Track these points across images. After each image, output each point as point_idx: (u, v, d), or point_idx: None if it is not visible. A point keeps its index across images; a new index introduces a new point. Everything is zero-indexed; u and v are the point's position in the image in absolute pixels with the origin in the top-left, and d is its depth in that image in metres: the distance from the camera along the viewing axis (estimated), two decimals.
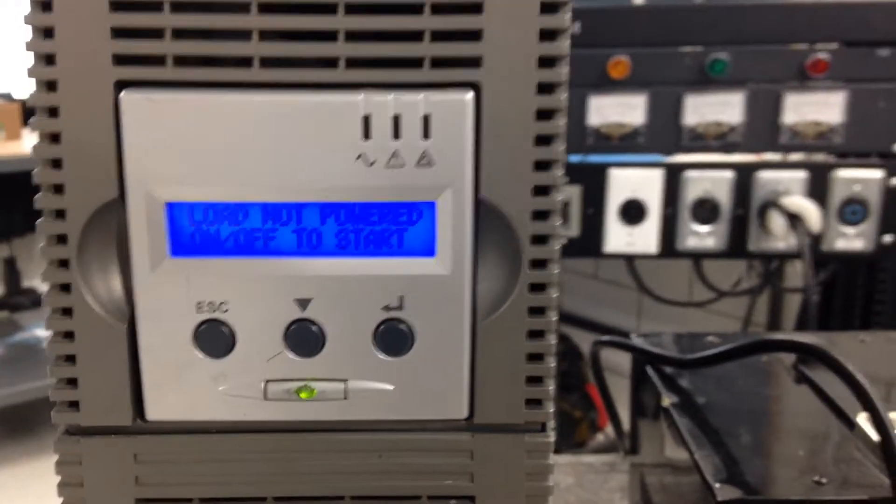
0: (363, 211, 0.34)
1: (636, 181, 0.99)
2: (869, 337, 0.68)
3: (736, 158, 1.02)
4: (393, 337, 0.35)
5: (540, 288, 0.35)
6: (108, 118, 0.33)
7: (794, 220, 0.94)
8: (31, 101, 0.33)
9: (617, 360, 0.81)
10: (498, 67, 0.33)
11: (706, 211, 0.98)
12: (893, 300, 1.08)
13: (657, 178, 0.98)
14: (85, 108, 0.33)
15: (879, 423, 0.46)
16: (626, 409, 0.72)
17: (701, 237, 0.99)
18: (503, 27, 0.33)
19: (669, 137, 0.99)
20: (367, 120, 0.33)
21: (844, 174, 0.97)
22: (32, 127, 0.33)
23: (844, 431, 0.52)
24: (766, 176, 0.97)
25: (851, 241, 0.98)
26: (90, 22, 0.32)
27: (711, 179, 0.98)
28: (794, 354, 0.62)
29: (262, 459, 0.36)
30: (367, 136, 0.33)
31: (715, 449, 0.50)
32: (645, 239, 0.99)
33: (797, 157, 1.05)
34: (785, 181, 0.97)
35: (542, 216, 0.34)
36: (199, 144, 0.33)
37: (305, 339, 0.34)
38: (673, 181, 0.98)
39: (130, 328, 0.35)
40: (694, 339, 0.67)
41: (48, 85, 0.33)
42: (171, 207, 0.34)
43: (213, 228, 0.34)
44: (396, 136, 0.33)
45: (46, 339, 0.35)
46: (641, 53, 0.98)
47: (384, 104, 0.33)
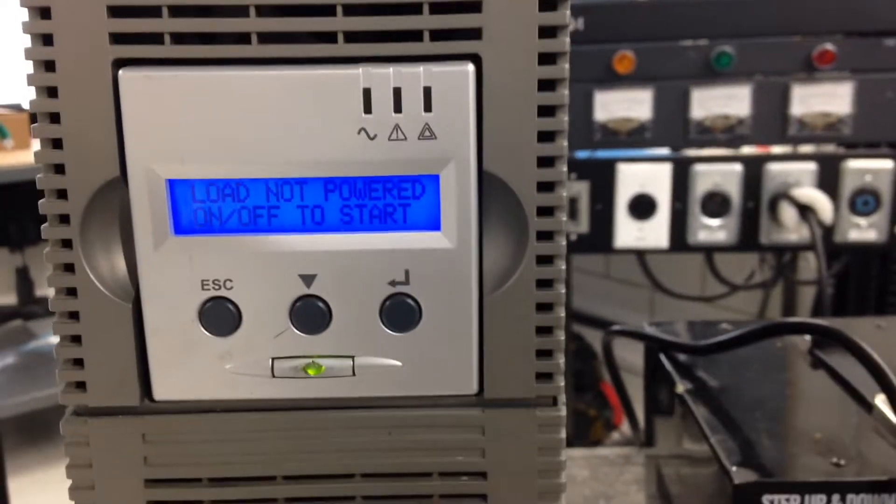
0: (366, 185, 0.34)
1: (645, 176, 0.98)
2: (885, 322, 0.67)
3: (745, 151, 1.01)
4: (400, 312, 0.34)
5: (547, 260, 0.34)
6: (107, 97, 0.33)
7: (805, 211, 0.94)
8: (29, 82, 0.33)
9: (630, 357, 0.81)
10: (499, 38, 0.33)
11: (716, 204, 0.98)
12: None
13: (666, 172, 0.98)
14: (83, 87, 0.33)
15: None
16: (640, 405, 0.71)
17: (712, 231, 0.98)
18: None
19: (677, 131, 0.99)
20: (367, 94, 0.33)
21: (855, 165, 0.96)
22: (32, 107, 0.33)
23: (862, 413, 0.51)
24: (775, 168, 0.97)
25: (864, 231, 0.97)
26: (87, 1, 0.32)
27: (721, 173, 0.97)
28: (808, 340, 0.62)
29: (270, 438, 0.36)
30: (368, 110, 0.33)
31: (731, 434, 0.49)
32: (655, 233, 0.99)
33: (806, 148, 1.05)
34: (795, 173, 0.96)
35: (547, 187, 0.34)
36: (199, 122, 0.33)
37: (311, 315, 0.34)
38: (682, 175, 0.97)
39: (135, 307, 0.34)
40: (706, 326, 0.66)
41: (46, 65, 0.33)
42: (172, 185, 0.33)
43: (215, 206, 0.34)
44: (398, 109, 0.33)
45: (53, 322, 0.35)
46: (646, 48, 0.97)
47: (384, 77, 0.33)
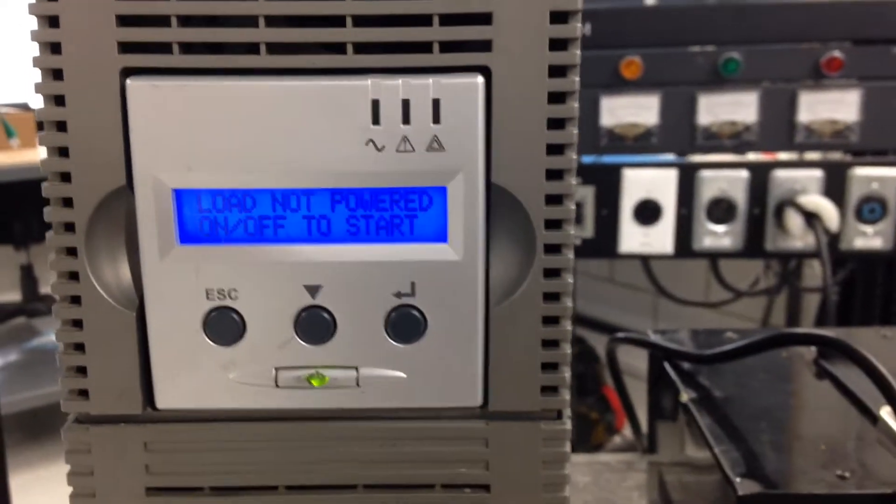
0: (373, 197, 0.34)
1: (651, 181, 0.98)
2: (890, 332, 0.67)
3: (751, 158, 1.01)
4: (405, 323, 0.34)
5: (554, 273, 0.34)
6: (114, 106, 0.33)
7: (811, 218, 0.93)
8: (37, 89, 0.33)
9: (633, 362, 0.81)
10: (509, 50, 0.33)
11: (722, 210, 0.97)
12: None
13: (672, 178, 0.97)
14: (91, 95, 0.33)
15: None
16: (643, 410, 0.71)
17: (717, 237, 0.98)
18: (514, 10, 0.32)
19: (683, 137, 0.98)
20: (376, 105, 0.33)
21: (861, 172, 0.96)
22: (39, 115, 0.33)
23: (867, 425, 0.51)
24: (782, 175, 0.96)
25: (870, 239, 0.97)
26: (96, 9, 0.32)
27: (727, 179, 0.97)
28: (814, 350, 0.61)
29: (273, 448, 0.36)
30: (376, 121, 0.33)
31: (735, 444, 0.49)
32: (660, 239, 0.99)
33: (813, 155, 1.04)
34: (801, 180, 0.96)
35: (555, 200, 0.34)
36: (206, 131, 0.33)
37: (316, 326, 0.34)
38: (688, 181, 0.97)
39: (140, 316, 0.34)
40: (711, 335, 0.66)
41: (54, 73, 0.33)
42: (178, 195, 0.33)
43: (221, 215, 0.34)
44: (406, 120, 0.33)
45: (57, 330, 0.35)
46: (654, 53, 0.97)
47: (393, 89, 0.32)
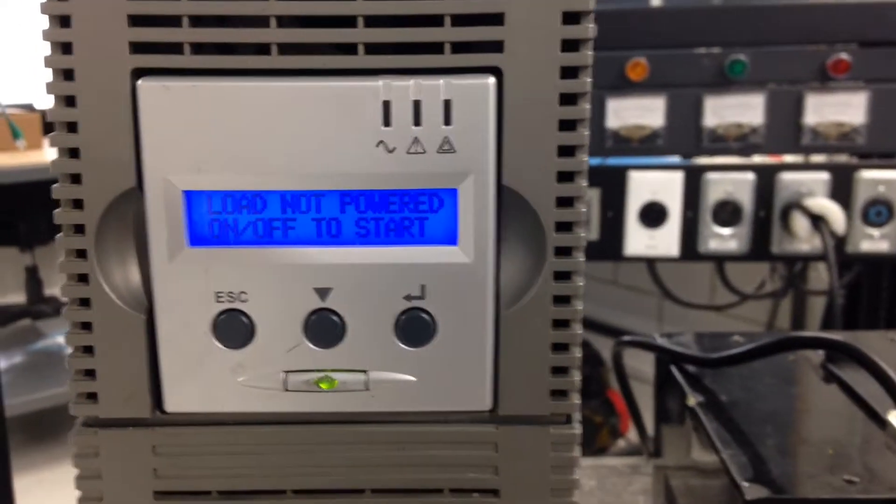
0: (383, 199, 0.34)
1: (656, 183, 0.98)
2: None
3: (757, 160, 1.01)
4: (414, 327, 0.34)
5: (565, 276, 0.34)
6: (125, 106, 0.33)
7: (817, 221, 0.93)
8: (48, 89, 0.33)
9: (639, 366, 0.80)
10: (520, 51, 0.32)
11: (728, 213, 0.97)
12: None
13: (678, 180, 0.97)
14: (102, 96, 0.33)
15: None
16: (647, 413, 0.71)
17: (723, 240, 0.98)
18: (526, 10, 0.32)
19: (690, 139, 0.98)
20: (387, 106, 0.32)
21: (868, 175, 0.95)
22: (49, 116, 0.33)
23: (875, 429, 0.51)
24: (788, 177, 0.96)
25: (876, 242, 0.96)
26: (107, 10, 0.32)
27: (733, 181, 0.96)
28: (821, 353, 0.61)
29: (281, 452, 0.35)
30: (387, 122, 0.33)
31: (742, 448, 0.49)
32: (666, 242, 0.98)
33: (819, 158, 1.04)
34: (808, 182, 0.96)
35: (566, 202, 0.34)
36: (216, 132, 0.33)
37: (325, 329, 0.34)
38: (694, 183, 0.97)
39: (149, 319, 0.34)
40: (717, 338, 0.66)
41: (65, 73, 0.33)
42: (188, 196, 0.33)
43: (231, 217, 0.34)
44: (417, 122, 0.33)
45: (66, 333, 0.35)
46: (660, 55, 0.97)
47: (404, 90, 0.32)
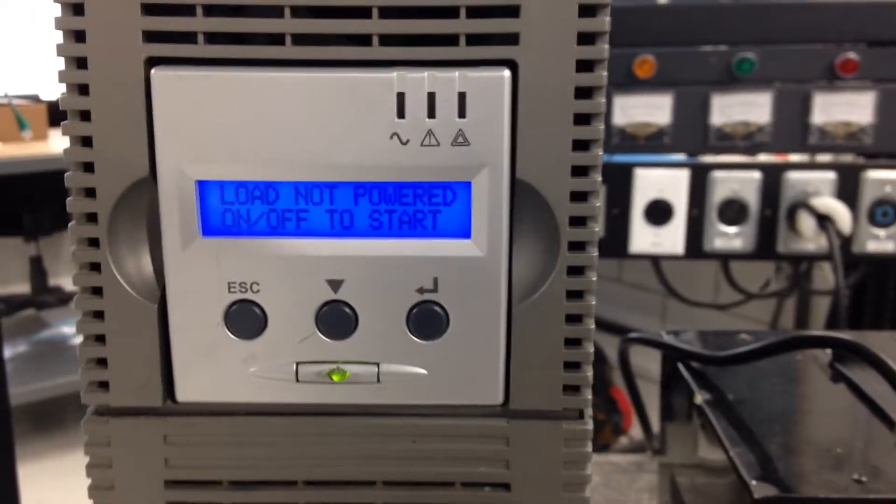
0: (397, 191, 0.33)
1: (662, 181, 0.97)
2: None
3: (763, 159, 1.01)
4: (427, 320, 0.34)
5: (578, 271, 0.34)
6: (138, 95, 0.33)
7: (823, 221, 0.93)
8: (60, 78, 0.33)
9: (643, 363, 0.80)
10: (536, 44, 0.32)
11: (733, 212, 0.97)
12: None
13: (684, 178, 0.97)
14: (115, 85, 0.33)
15: None
16: (653, 411, 0.71)
17: (728, 238, 0.98)
18: (542, 3, 0.32)
19: (696, 137, 0.98)
20: (401, 98, 0.32)
21: (875, 175, 0.95)
22: (62, 104, 0.33)
23: (883, 429, 0.51)
24: (794, 176, 0.96)
25: (882, 242, 0.96)
26: None
27: (739, 180, 0.96)
28: (828, 353, 0.61)
29: (292, 443, 0.35)
30: (401, 114, 0.32)
31: (750, 446, 0.49)
32: (671, 240, 0.98)
33: (826, 157, 1.04)
34: (814, 182, 0.95)
35: (580, 197, 0.34)
36: (230, 122, 0.32)
37: (337, 320, 0.34)
38: (700, 181, 0.97)
39: (161, 308, 0.34)
40: (722, 336, 0.65)
41: (78, 62, 0.33)
42: (202, 186, 0.33)
43: (244, 208, 0.34)
44: (431, 114, 0.32)
45: (77, 321, 0.35)
46: (667, 53, 0.97)
47: (419, 82, 0.32)
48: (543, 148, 0.33)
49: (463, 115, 0.32)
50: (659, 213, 0.98)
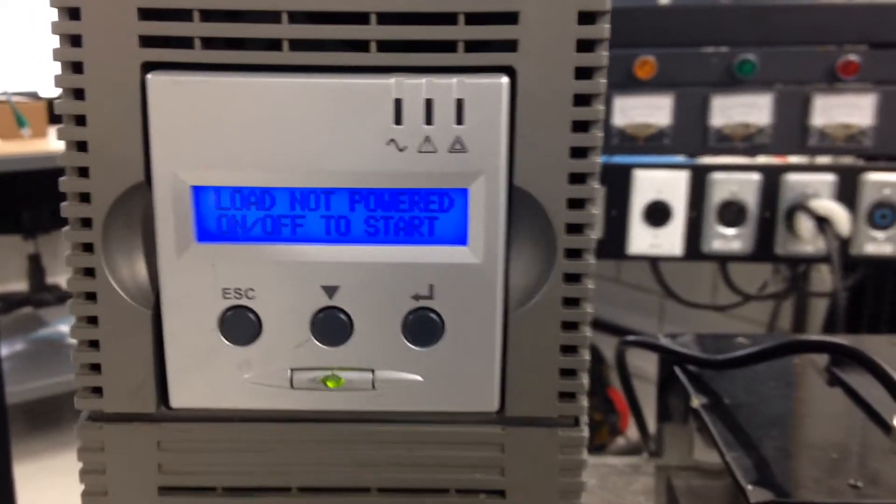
0: (393, 197, 0.33)
1: (661, 182, 0.97)
2: None
3: (763, 160, 1.01)
4: (422, 326, 0.34)
5: (575, 278, 0.34)
6: (134, 100, 0.32)
7: (822, 223, 0.93)
8: (56, 82, 0.33)
9: (641, 364, 0.80)
10: (535, 51, 0.32)
11: (732, 213, 0.97)
12: None
13: (683, 179, 0.97)
14: (111, 89, 0.32)
15: None
16: (649, 412, 0.71)
17: (727, 240, 0.97)
18: (540, 9, 0.32)
19: (696, 138, 0.98)
20: (398, 104, 0.32)
21: (874, 177, 0.95)
22: (58, 108, 0.33)
23: (880, 434, 0.51)
24: (794, 178, 0.96)
25: (881, 245, 0.96)
26: (117, 3, 0.32)
27: (738, 181, 0.96)
28: (826, 357, 0.61)
29: (287, 449, 0.35)
30: (398, 120, 0.32)
31: (747, 451, 0.49)
32: (670, 241, 0.98)
33: (825, 159, 1.04)
34: (813, 184, 0.95)
35: (578, 204, 0.33)
36: (226, 128, 0.32)
37: (333, 327, 0.34)
38: (699, 183, 0.97)
39: (155, 314, 0.34)
40: (720, 340, 0.65)
41: (74, 66, 0.32)
42: (197, 192, 0.33)
43: (239, 214, 0.33)
44: (429, 121, 0.32)
45: (72, 327, 0.35)
46: (668, 54, 0.96)
47: (416, 88, 0.32)
48: (541, 155, 0.33)
49: (461, 121, 0.32)
50: (658, 214, 0.98)
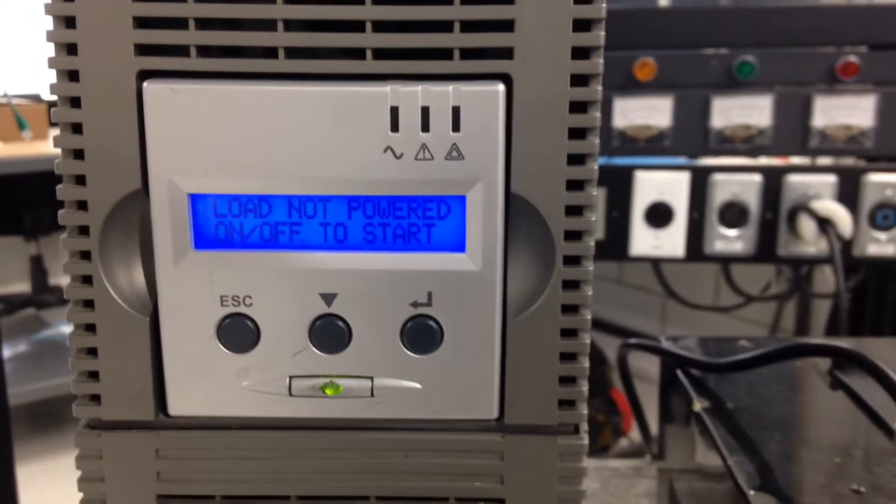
0: (391, 205, 0.33)
1: (663, 184, 0.97)
2: None
3: (764, 161, 1.00)
4: (421, 334, 0.34)
5: (573, 285, 0.34)
6: (130, 108, 0.32)
7: (824, 224, 0.93)
8: (52, 90, 0.33)
9: (643, 365, 0.80)
10: (531, 58, 0.32)
11: (734, 214, 0.97)
12: None
13: (684, 180, 0.97)
14: (107, 98, 0.32)
15: None
16: (652, 414, 0.70)
17: (729, 241, 0.97)
18: (536, 17, 0.32)
19: (696, 140, 0.98)
20: (395, 112, 0.32)
21: (876, 178, 0.95)
22: (54, 117, 0.33)
23: (883, 438, 0.50)
24: (795, 179, 0.96)
25: (883, 246, 0.96)
26: (113, 11, 0.32)
27: (739, 183, 0.96)
28: (828, 360, 0.61)
29: (285, 457, 0.35)
30: (395, 128, 0.32)
31: (748, 455, 0.48)
32: (672, 242, 0.98)
33: (826, 160, 1.04)
34: (815, 185, 0.95)
35: (576, 211, 0.33)
36: (223, 136, 0.32)
37: (331, 334, 0.34)
38: (700, 184, 0.96)
39: (153, 321, 0.34)
40: (722, 343, 0.65)
41: (70, 75, 0.32)
42: (194, 199, 0.33)
43: (237, 221, 0.33)
44: (425, 128, 0.32)
45: (70, 334, 0.35)
46: (668, 55, 0.96)
47: (413, 96, 0.32)
48: (538, 162, 0.33)
49: (457, 128, 0.32)
50: (659, 215, 0.98)
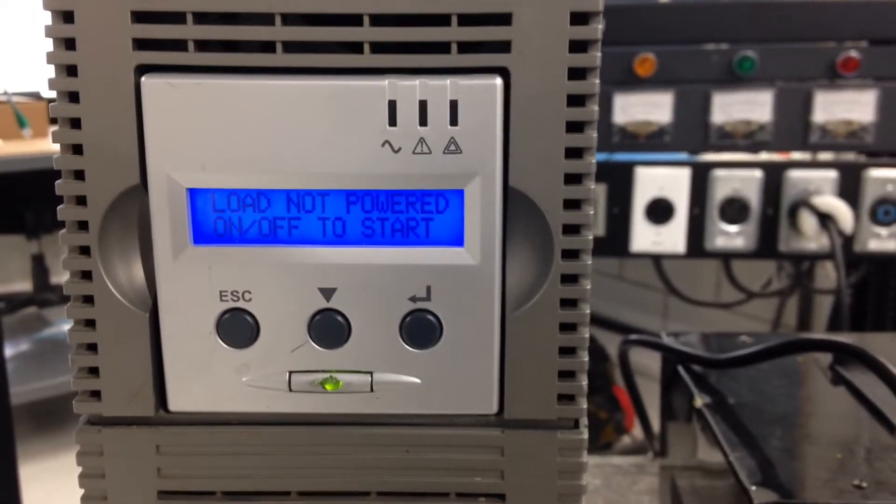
0: (389, 199, 0.33)
1: (663, 180, 0.97)
2: None
3: (765, 157, 1.00)
4: (420, 328, 0.34)
5: (572, 279, 0.34)
6: (129, 103, 0.32)
7: (825, 220, 0.93)
8: (51, 85, 0.33)
9: (644, 361, 0.80)
10: (528, 52, 0.32)
11: (735, 210, 0.97)
12: None
13: (685, 176, 0.97)
14: (106, 93, 0.32)
15: None
16: (654, 410, 0.70)
17: (730, 237, 0.97)
18: (533, 10, 0.32)
19: (697, 136, 0.97)
20: (392, 106, 0.32)
21: (876, 174, 0.95)
22: (53, 112, 0.33)
23: (883, 434, 0.50)
24: (796, 175, 0.95)
25: (884, 241, 0.96)
26: (111, 5, 0.32)
27: (740, 178, 0.96)
28: (829, 355, 0.61)
29: (285, 452, 0.35)
30: (392, 122, 0.32)
31: (750, 451, 0.48)
32: (672, 238, 0.98)
33: (827, 156, 1.03)
34: (816, 181, 0.95)
35: (574, 205, 0.33)
36: (221, 130, 0.32)
37: (330, 329, 0.34)
38: (701, 180, 0.96)
39: (153, 317, 0.34)
40: (723, 339, 0.65)
41: (68, 70, 0.32)
42: (193, 194, 0.33)
43: (235, 216, 0.33)
44: (423, 122, 0.32)
45: (69, 330, 0.35)
46: (668, 51, 0.96)
47: (410, 90, 0.32)
48: (536, 156, 0.33)
49: (455, 122, 0.32)
50: (660, 211, 0.97)
